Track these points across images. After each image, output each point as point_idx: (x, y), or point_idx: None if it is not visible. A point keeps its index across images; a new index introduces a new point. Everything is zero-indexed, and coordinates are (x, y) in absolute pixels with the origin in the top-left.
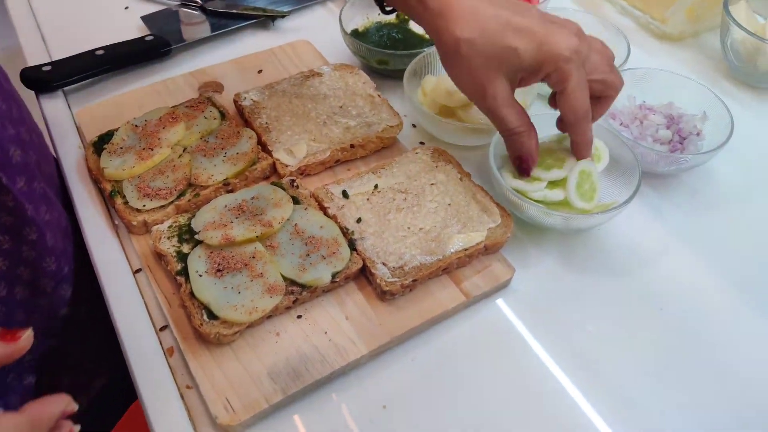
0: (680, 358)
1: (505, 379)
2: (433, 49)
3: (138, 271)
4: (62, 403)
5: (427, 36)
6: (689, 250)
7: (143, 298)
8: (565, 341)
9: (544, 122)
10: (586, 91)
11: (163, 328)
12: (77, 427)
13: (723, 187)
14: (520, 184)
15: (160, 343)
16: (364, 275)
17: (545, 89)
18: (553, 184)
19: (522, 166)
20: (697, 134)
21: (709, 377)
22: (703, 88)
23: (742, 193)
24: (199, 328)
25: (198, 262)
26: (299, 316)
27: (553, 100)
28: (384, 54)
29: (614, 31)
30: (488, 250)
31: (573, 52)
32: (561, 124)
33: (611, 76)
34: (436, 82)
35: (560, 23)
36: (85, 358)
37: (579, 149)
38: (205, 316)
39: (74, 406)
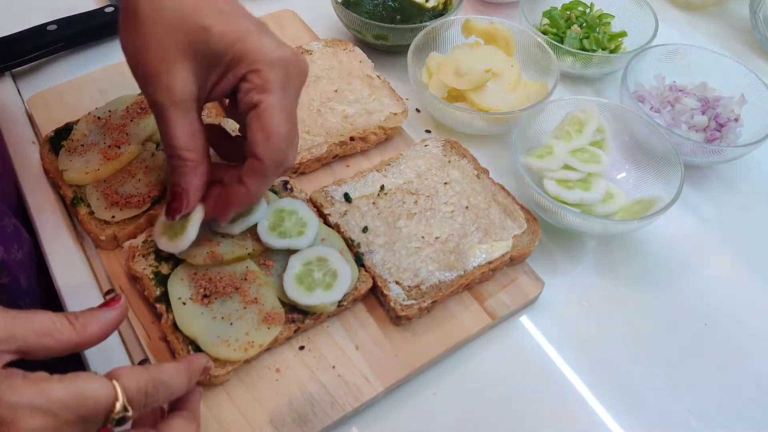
0: (730, 383)
1: (537, 414)
2: (439, 22)
3: (109, 292)
4: (205, 358)
5: (427, 4)
6: (731, 254)
7: None
8: (601, 367)
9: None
10: (289, 122)
11: (142, 362)
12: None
13: (763, 180)
14: (553, 187)
15: None
16: (374, 295)
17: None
18: (584, 182)
19: (170, 204)
20: (736, 120)
21: (764, 404)
22: (740, 66)
23: None
24: None
25: (180, 287)
26: (302, 347)
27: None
28: (382, 28)
29: (638, 2)
30: (514, 261)
31: (281, 61)
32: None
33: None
34: (443, 60)
35: (276, 37)
36: None
37: (232, 200)
38: (192, 353)
39: (211, 364)
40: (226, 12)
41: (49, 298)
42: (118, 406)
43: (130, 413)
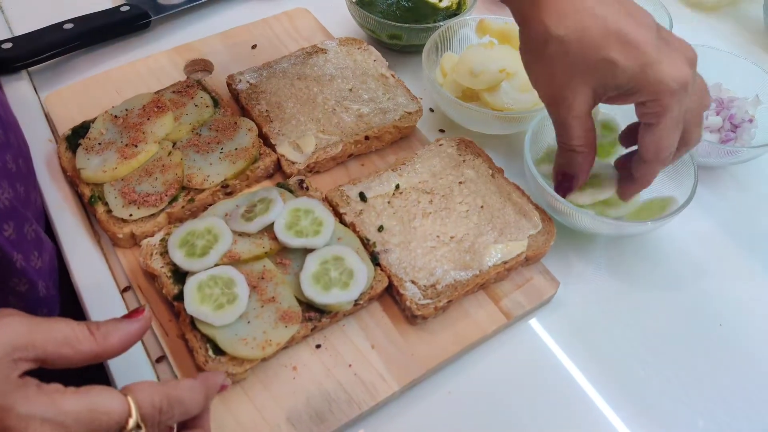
0: (744, 385)
1: (550, 414)
2: (454, 22)
3: (126, 289)
4: (222, 375)
5: (440, 4)
6: (746, 255)
7: None
8: (613, 368)
9: None
10: (678, 131)
11: (159, 360)
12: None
13: None
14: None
15: (158, 378)
16: (389, 294)
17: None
18: (595, 179)
19: (563, 183)
20: (750, 121)
21: None
22: (754, 67)
23: None
24: (204, 366)
25: None
26: (318, 346)
27: (626, 137)
28: (397, 28)
29: (652, 2)
30: (529, 260)
31: (680, 85)
32: (621, 160)
33: (695, 131)
34: (458, 60)
35: (675, 44)
36: None
37: (630, 190)
38: (210, 352)
39: (228, 382)
40: (629, 40)
41: (70, 306)
42: (131, 422)
43: (143, 430)
